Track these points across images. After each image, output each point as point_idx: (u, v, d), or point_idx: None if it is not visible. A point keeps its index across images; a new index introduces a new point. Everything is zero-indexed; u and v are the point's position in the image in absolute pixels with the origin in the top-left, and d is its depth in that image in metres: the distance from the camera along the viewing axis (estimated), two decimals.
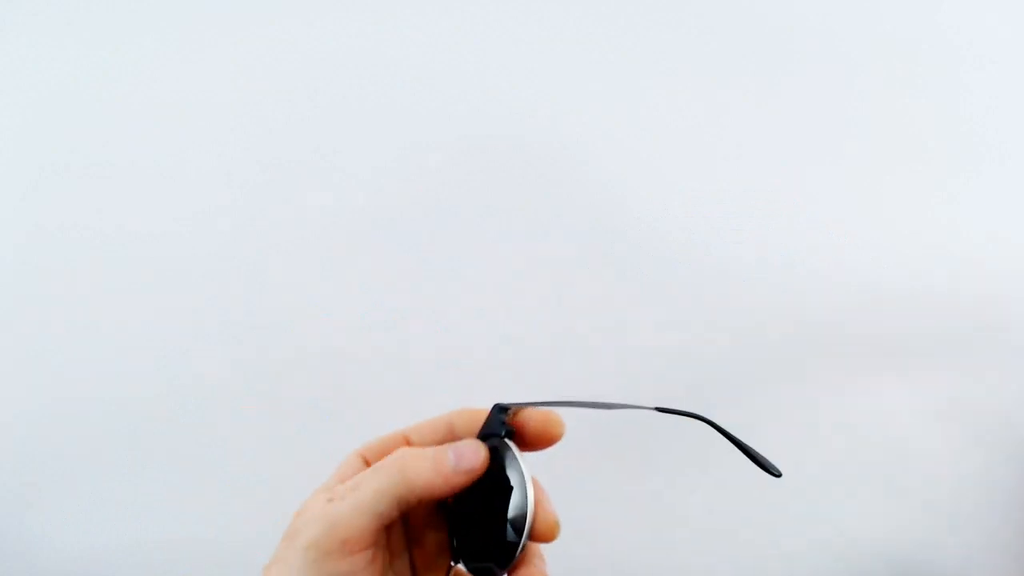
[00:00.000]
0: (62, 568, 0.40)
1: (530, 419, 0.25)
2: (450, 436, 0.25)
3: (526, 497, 0.23)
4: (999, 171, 0.42)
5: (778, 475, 0.24)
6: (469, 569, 0.25)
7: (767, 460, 0.24)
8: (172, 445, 0.41)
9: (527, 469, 0.23)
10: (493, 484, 0.24)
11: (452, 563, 0.25)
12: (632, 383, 0.41)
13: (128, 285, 0.41)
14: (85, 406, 0.40)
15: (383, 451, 0.24)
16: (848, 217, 0.42)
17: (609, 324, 0.41)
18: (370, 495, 0.22)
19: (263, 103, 0.42)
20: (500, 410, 0.24)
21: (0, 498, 0.40)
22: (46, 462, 0.40)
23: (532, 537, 0.23)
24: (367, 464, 0.25)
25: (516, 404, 0.25)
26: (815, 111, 0.42)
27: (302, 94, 0.42)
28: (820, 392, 0.41)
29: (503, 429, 0.24)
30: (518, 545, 0.23)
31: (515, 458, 0.24)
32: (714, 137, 0.42)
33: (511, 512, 0.23)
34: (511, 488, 0.24)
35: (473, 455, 0.24)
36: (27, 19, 0.42)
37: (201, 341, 0.40)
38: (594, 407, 0.26)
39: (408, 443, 0.25)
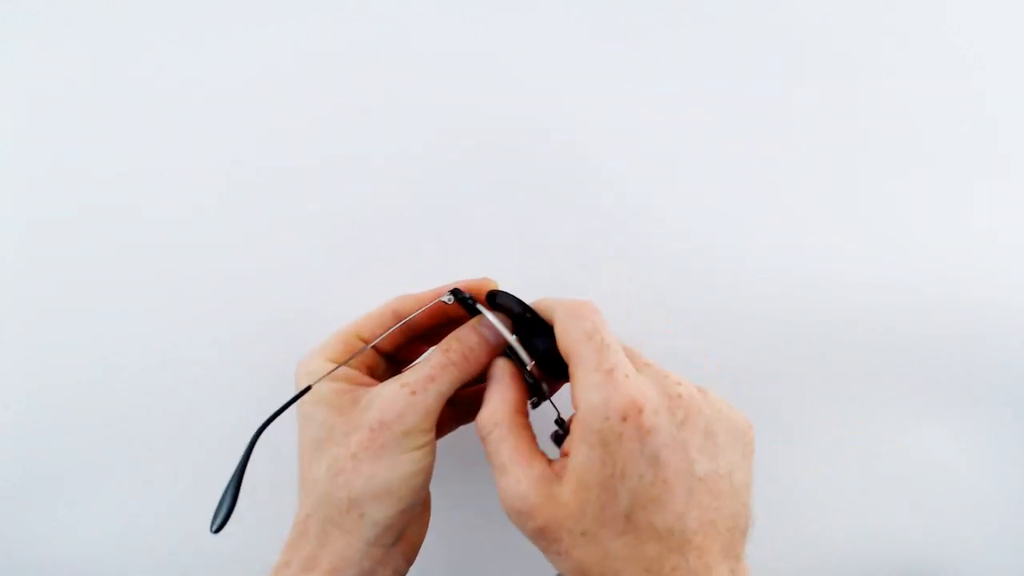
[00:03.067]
0: (62, 568, 0.40)
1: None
2: (396, 320, 0.29)
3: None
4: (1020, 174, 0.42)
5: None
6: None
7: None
8: (173, 445, 0.41)
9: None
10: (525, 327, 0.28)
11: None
12: None
13: (128, 284, 0.41)
14: (85, 405, 0.40)
15: (344, 347, 0.28)
16: (858, 219, 0.42)
17: (614, 327, 0.41)
18: (447, 386, 0.27)
19: (264, 103, 0.42)
20: (458, 293, 0.29)
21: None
22: (45, 462, 0.40)
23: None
24: (363, 341, 0.29)
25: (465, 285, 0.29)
26: (825, 112, 0.42)
27: (303, 93, 0.42)
28: (821, 393, 0.41)
29: (471, 301, 0.29)
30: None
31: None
32: (722, 139, 0.42)
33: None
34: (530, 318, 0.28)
35: (496, 329, 0.28)
36: (27, 18, 0.42)
37: (203, 341, 0.40)
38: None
39: (361, 339, 0.29)
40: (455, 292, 0.29)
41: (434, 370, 0.27)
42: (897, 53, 0.43)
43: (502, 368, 0.28)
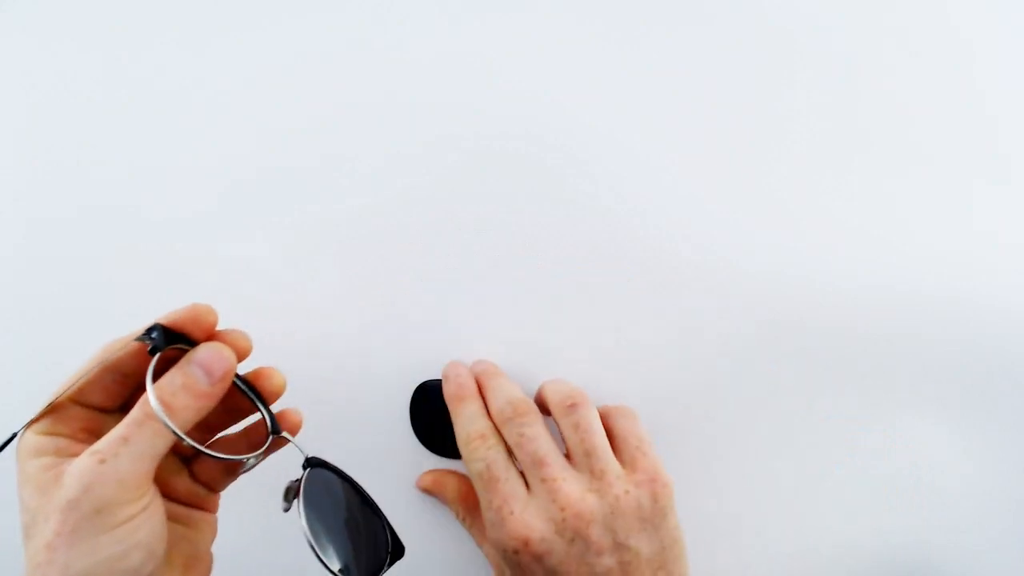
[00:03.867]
0: None
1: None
2: (107, 372, 0.25)
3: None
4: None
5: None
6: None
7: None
8: None
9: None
10: None
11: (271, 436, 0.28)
12: (637, 386, 0.41)
13: (129, 284, 0.41)
14: None
15: (56, 416, 0.25)
16: (857, 220, 0.42)
17: (614, 326, 0.41)
18: (146, 444, 0.23)
19: (264, 103, 0.42)
20: (151, 331, 0.24)
21: None
22: None
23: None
24: (80, 405, 0.25)
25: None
26: (824, 112, 0.42)
27: (304, 93, 0.42)
28: (821, 393, 0.41)
29: (163, 336, 0.24)
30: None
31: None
32: (720, 139, 0.42)
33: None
34: None
35: (217, 360, 0.24)
36: (27, 18, 0.42)
37: None
38: None
39: (76, 402, 0.25)
40: (149, 329, 0.24)
41: (128, 429, 0.23)
42: (897, 53, 0.43)
43: (427, 482, 0.37)
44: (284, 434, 0.27)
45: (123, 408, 0.26)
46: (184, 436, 0.23)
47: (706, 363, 0.41)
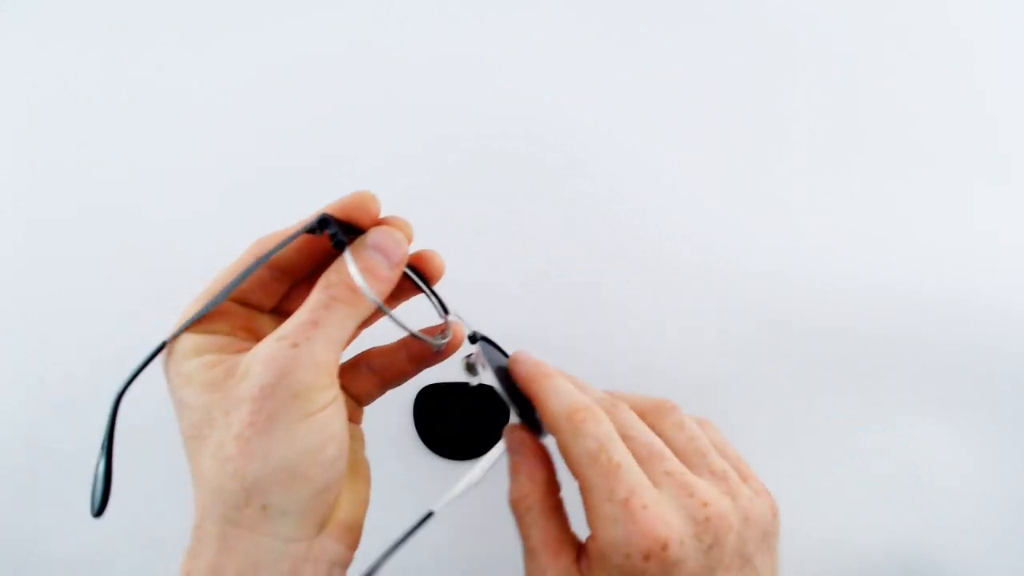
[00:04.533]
0: (63, 568, 0.40)
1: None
2: (266, 270, 0.24)
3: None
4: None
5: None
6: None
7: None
8: (173, 445, 0.41)
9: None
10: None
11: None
12: (636, 385, 0.41)
13: (129, 284, 0.41)
14: (85, 405, 0.40)
15: (209, 315, 0.23)
16: (858, 219, 0.42)
17: (615, 327, 0.41)
18: (337, 328, 0.22)
19: (265, 103, 0.42)
20: (326, 223, 0.23)
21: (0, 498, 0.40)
22: (46, 461, 0.40)
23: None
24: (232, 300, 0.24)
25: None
26: (824, 112, 0.42)
27: (304, 93, 0.42)
28: (821, 393, 0.41)
29: (342, 227, 0.23)
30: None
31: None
32: (721, 139, 0.42)
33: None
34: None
35: (394, 244, 0.24)
36: (28, 19, 0.42)
37: None
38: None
39: (238, 300, 0.24)
40: (322, 221, 0.23)
41: (315, 313, 0.21)
42: (897, 53, 0.43)
43: (520, 439, 0.25)
44: (452, 317, 0.26)
45: (273, 310, 0.25)
46: (389, 311, 0.23)
47: (706, 363, 0.41)
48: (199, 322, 0.23)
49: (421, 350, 0.27)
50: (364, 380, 0.27)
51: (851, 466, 0.41)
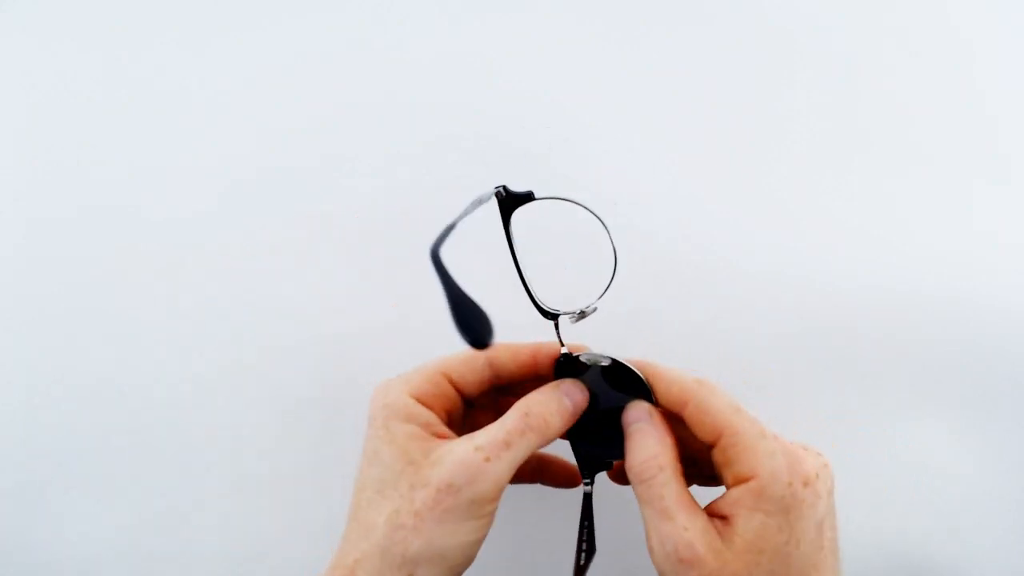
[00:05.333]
0: (63, 571, 0.40)
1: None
2: (488, 368, 0.28)
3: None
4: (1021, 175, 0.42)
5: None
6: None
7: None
8: (174, 446, 0.41)
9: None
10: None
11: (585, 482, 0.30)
12: None
13: (129, 285, 0.41)
14: (86, 405, 0.40)
15: (430, 385, 0.27)
16: (857, 220, 0.42)
17: (613, 326, 0.41)
18: (523, 453, 0.25)
19: (265, 103, 0.42)
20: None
21: (0, 498, 0.40)
22: (45, 463, 0.40)
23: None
24: (450, 382, 0.28)
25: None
26: (824, 112, 0.42)
27: (304, 93, 0.42)
28: (821, 393, 0.41)
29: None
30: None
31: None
32: (720, 139, 0.42)
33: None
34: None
35: (580, 394, 0.28)
36: (28, 18, 0.42)
37: (207, 338, 0.40)
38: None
39: (448, 379, 0.28)
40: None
41: (511, 436, 0.25)
42: (897, 53, 0.43)
43: (647, 410, 0.28)
44: (588, 483, 0.30)
45: (472, 400, 0.29)
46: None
47: (705, 363, 0.41)
48: (419, 387, 0.27)
49: (547, 473, 0.33)
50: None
51: (851, 466, 0.41)
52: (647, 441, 0.26)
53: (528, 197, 0.28)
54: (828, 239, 0.41)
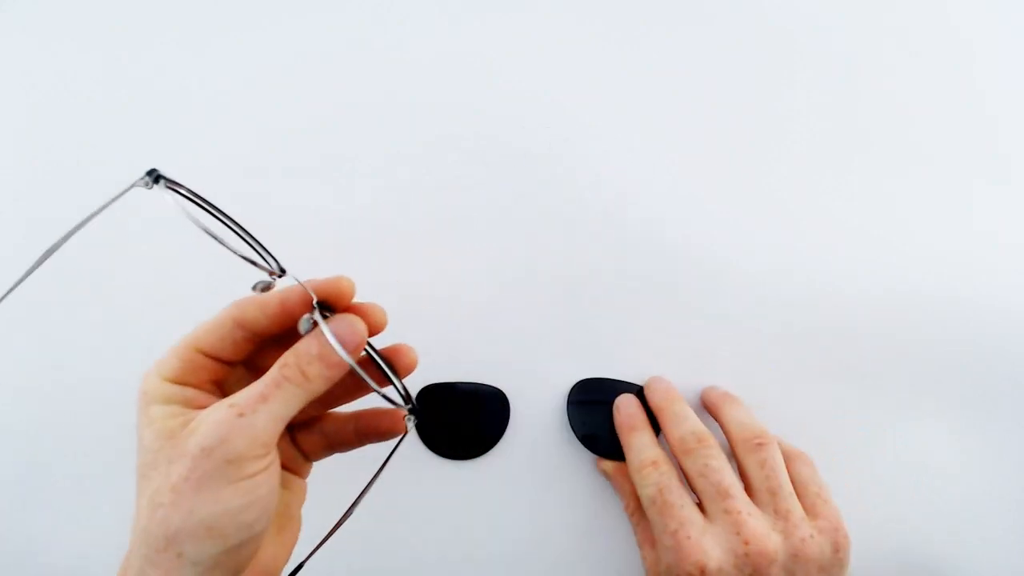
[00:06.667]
0: (62, 568, 0.40)
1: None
2: (237, 329, 0.26)
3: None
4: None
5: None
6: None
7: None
8: None
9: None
10: None
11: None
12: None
13: (129, 285, 0.41)
14: (86, 405, 0.40)
15: (181, 363, 0.25)
16: (857, 220, 0.42)
17: (613, 326, 0.41)
18: (283, 406, 0.23)
19: (266, 103, 0.42)
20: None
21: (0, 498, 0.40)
22: (46, 465, 0.40)
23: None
24: (203, 354, 0.26)
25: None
26: (824, 112, 0.42)
27: (305, 93, 0.42)
28: (821, 393, 0.41)
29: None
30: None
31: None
32: (720, 140, 0.42)
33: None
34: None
35: (352, 332, 0.25)
36: (28, 18, 0.42)
37: None
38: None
39: (200, 351, 0.26)
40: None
41: (267, 388, 0.23)
42: (897, 53, 0.43)
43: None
44: (409, 418, 0.29)
45: (244, 363, 0.28)
46: (365, 378, 0.24)
47: (705, 363, 0.41)
48: (174, 369, 0.25)
49: (368, 428, 0.30)
50: (315, 440, 0.30)
51: (851, 466, 0.41)
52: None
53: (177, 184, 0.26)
54: (828, 239, 0.41)
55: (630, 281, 0.41)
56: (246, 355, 0.27)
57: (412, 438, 0.40)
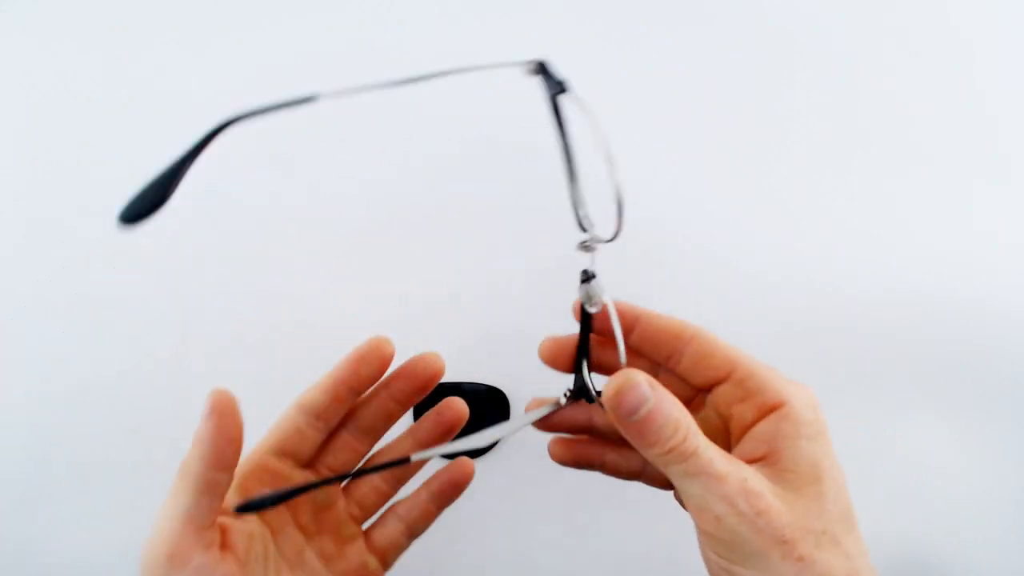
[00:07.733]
0: (62, 569, 0.40)
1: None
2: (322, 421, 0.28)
3: None
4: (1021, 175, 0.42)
5: None
6: None
7: None
8: (176, 448, 0.41)
9: None
10: None
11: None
12: None
13: (130, 286, 0.41)
14: (87, 405, 0.40)
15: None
16: (857, 220, 0.42)
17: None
18: (182, 497, 0.23)
19: (266, 102, 0.42)
20: None
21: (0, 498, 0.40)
22: (47, 466, 0.40)
23: None
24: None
25: None
26: (824, 112, 0.42)
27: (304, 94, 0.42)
28: (821, 393, 0.41)
29: None
30: None
31: None
32: (720, 139, 0.42)
33: None
34: None
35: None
36: (28, 18, 0.42)
37: (204, 340, 0.40)
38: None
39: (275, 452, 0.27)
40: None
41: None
42: (897, 53, 0.43)
43: (646, 383, 0.23)
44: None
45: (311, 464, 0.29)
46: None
47: None
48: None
49: (445, 487, 0.29)
50: (393, 531, 0.29)
51: (851, 466, 0.41)
52: (672, 412, 0.22)
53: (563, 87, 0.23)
54: (828, 239, 0.41)
55: (630, 281, 0.41)
56: (314, 450, 0.29)
57: None
